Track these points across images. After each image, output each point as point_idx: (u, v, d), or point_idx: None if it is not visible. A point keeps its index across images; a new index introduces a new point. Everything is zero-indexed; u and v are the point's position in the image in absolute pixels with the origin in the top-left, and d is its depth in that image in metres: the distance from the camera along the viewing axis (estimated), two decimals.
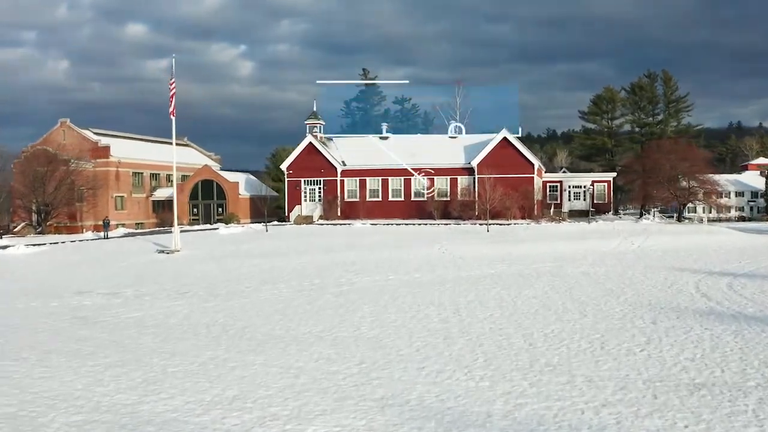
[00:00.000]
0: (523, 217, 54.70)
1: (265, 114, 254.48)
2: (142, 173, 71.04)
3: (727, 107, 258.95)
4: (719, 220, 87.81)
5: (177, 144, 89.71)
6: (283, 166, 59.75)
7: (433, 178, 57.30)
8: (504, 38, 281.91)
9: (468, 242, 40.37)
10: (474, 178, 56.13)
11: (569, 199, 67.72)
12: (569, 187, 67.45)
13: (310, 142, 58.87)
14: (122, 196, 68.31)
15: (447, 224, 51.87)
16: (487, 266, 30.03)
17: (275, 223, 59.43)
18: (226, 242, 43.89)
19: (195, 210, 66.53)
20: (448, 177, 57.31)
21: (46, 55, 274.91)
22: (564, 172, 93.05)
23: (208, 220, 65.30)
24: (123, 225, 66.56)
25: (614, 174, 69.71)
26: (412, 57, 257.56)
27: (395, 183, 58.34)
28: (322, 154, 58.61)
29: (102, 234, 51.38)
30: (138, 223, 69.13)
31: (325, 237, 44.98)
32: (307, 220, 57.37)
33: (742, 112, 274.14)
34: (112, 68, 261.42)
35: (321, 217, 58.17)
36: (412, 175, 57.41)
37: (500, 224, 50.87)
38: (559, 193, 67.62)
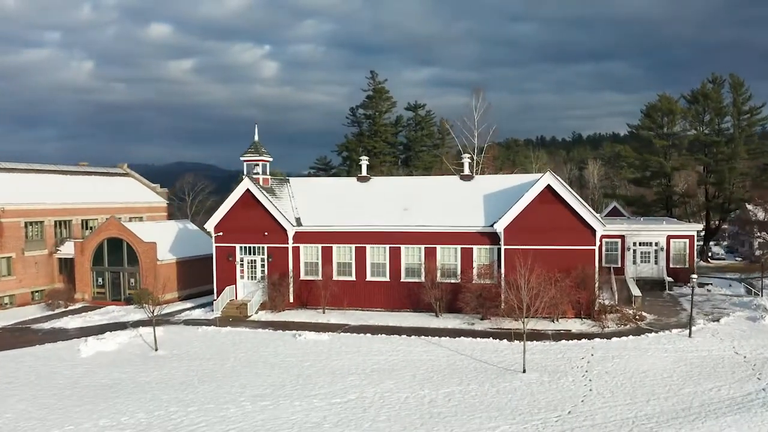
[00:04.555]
0: (578, 315, 34.22)
1: (289, 114, 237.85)
2: (42, 222, 51.55)
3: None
4: None
5: (111, 174, 70.55)
6: (209, 225, 39.57)
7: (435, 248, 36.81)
8: (528, 38, 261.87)
9: (488, 425, 20.22)
10: (500, 249, 35.54)
11: (634, 262, 47.07)
12: (634, 244, 46.84)
13: (248, 190, 38.70)
14: (8, 257, 48.91)
15: (456, 332, 31.62)
16: None
17: (199, 314, 39.61)
18: (55, 391, 24.18)
19: (100, 280, 46.90)
20: (459, 246, 36.57)
21: (70, 56, 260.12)
22: (614, 207, 72.22)
23: (117, 294, 45.77)
24: (11, 298, 47.45)
25: (699, 227, 48.91)
26: (436, 57, 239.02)
27: (377, 254, 37.88)
28: (265, 208, 38.38)
29: None
30: (35, 291, 49.76)
31: (228, 384, 25.03)
32: (241, 310, 37.41)
33: None
34: (136, 69, 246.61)
35: (263, 307, 38.05)
36: (401, 242, 37.23)
37: (542, 335, 30.67)
38: (620, 252, 47.02)
